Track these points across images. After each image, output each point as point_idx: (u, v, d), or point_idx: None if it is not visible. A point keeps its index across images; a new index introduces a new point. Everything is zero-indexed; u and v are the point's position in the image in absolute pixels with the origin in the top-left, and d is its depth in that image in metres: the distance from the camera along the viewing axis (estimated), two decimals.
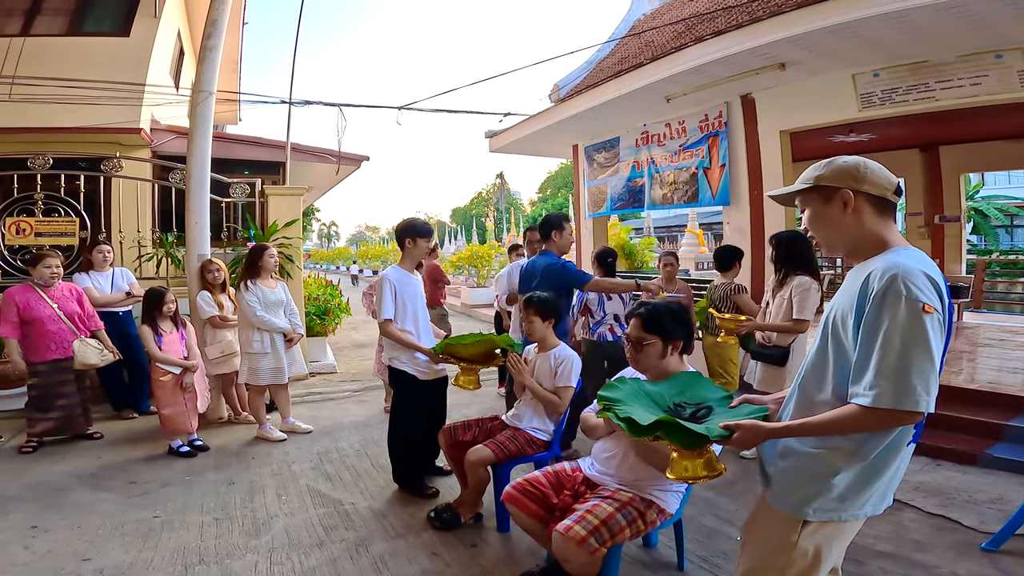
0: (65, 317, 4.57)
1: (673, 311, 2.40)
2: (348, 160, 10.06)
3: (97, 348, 4.68)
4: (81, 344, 4.58)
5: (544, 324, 3.30)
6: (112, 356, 4.77)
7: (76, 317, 4.65)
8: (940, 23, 4.22)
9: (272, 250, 4.90)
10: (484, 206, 58.95)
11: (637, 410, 1.77)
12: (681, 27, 6.90)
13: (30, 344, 4.46)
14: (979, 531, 3.02)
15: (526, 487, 2.56)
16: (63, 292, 4.67)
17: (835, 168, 1.60)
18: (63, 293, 4.66)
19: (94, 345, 4.67)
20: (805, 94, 5.67)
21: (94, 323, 4.80)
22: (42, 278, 4.55)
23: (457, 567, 2.82)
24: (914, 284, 1.40)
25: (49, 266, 4.57)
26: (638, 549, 2.95)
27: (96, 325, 4.81)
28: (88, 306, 4.82)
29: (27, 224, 6.12)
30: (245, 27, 11.65)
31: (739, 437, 1.56)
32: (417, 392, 3.65)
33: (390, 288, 3.58)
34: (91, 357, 4.62)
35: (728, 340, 4.00)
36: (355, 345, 9.72)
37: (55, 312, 4.52)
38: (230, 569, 2.82)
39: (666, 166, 7.14)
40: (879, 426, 1.44)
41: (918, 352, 1.37)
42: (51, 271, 4.57)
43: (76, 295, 4.75)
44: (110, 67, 7.71)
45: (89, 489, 3.76)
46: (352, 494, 3.71)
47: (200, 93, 5.34)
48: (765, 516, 1.70)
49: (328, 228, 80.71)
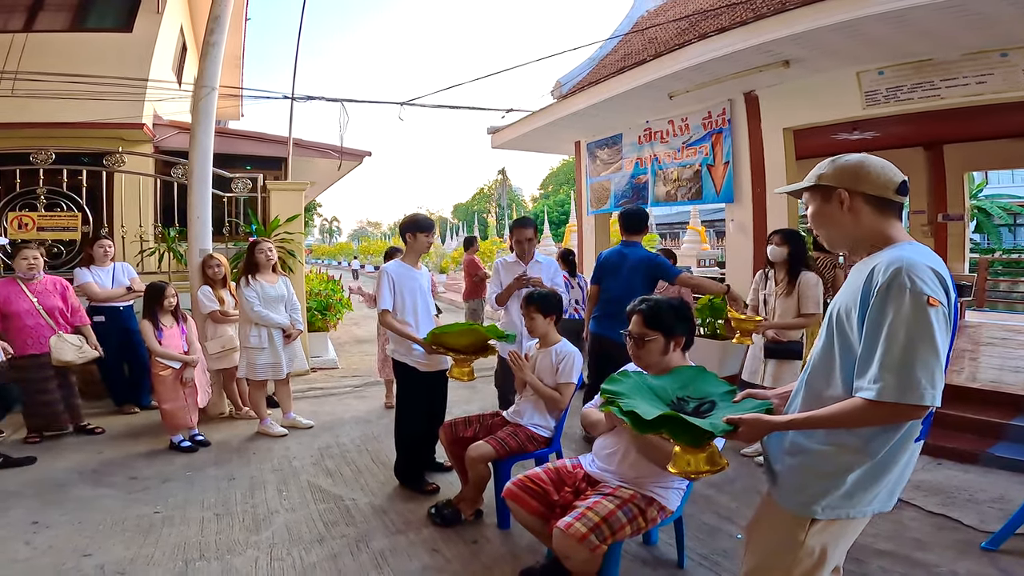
0: (44, 312, 4.48)
1: (674, 307, 2.39)
2: (350, 156, 10.05)
3: (75, 345, 4.55)
4: (58, 340, 4.47)
5: (546, 320, 3.30)
6: (93, 354, 4.65)
7: (57, 312, 4.55)
8: (944, 22, 4.20)
9: (264, 245, 4.88)
10: (486, 202, 58.93)
11: (641, 404, 1.76)
12: (684, 24, 6.87)
13: (9, 338, 4.38)
14: (979, 530, 3.01)
15: (527, 484, 2.56)
16: (46, 286, 4.58)
17: (836, 167, 1.61)
18: (45, 287, 4.57)
19: (72, 342, 4.54)
20: (809, 92, 5.64)
21: (79, 318, 4.71)
22: (20, 270, 4.48)
23: (457, 563, 2.82)
24: (919, 277, 1.39)
25: (26, 258, 4.47)
26: (638, 546, 2.95)
27: (81, 321, 4.72)
28: (73, 301, 4.72)
29: (30, 219, 6.12)
30: (248, 23, 11.64)
31: (744, 431, 1.56)
32: (417, 383, 3.67)
33: (388, 281, 3.64)
34: (67, 354, 4.48)
35: (745, 341, 3.94)
36: (356, 341, 9.73)
37: (34, 306, 4.45)
38: (230, 565, 2.82)
39: (669, 163, 7.13)
40: (884, 420, 1.43)
41: (923, 345, 1.36)
42: (28, 263, 4.47)
43: (60, 289, 4.65)
44: (113, 63, 7.71)
45: (90, 484, 3.77)
46: (353, 490, 3.71)
47: (202, 88, 5.33)
48: (771, 514, 1.69)
49: (330, 224, 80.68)
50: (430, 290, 3.95)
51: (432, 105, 11.35)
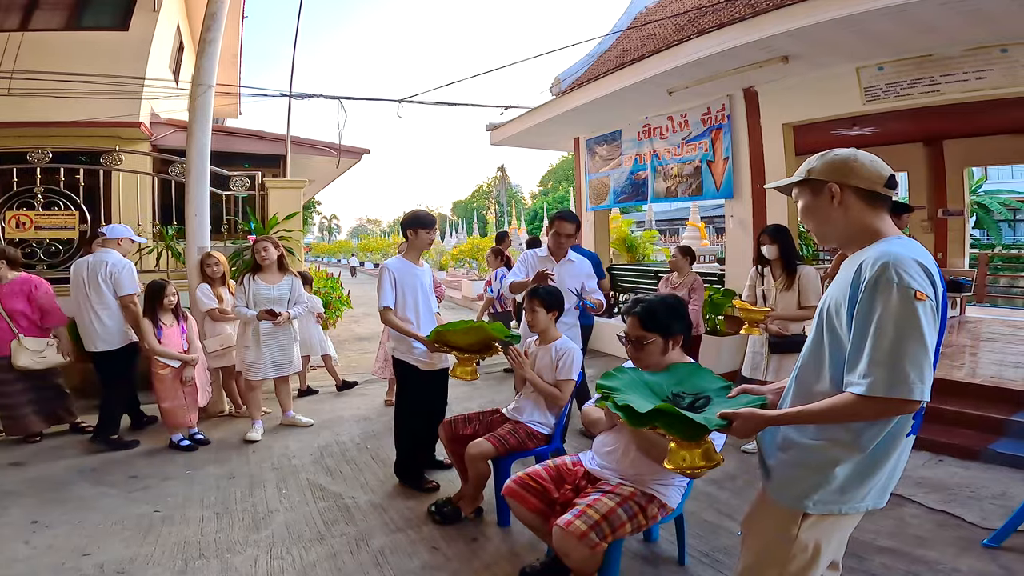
0: (5, 314, 4.38)
1: (669, 305, 2.36)
2: (348, 153, 10.04)
3: (34, 350, 4.42)
4: (16, 345, 4.37)
5: (548, 316, 3.29)
6: (56, 359, 4.54)
7: (18, 315, 4.42)
8: (944, 17, 4.18)
9: (259, 244, 4.71)
10: (485, 199, 58.89)
11: (635, 399, 1.76)
12: (683, 20, 6.85)
13: None
14: (981, 527, 3.00)
15: (527, 481, 2.55)
16: (12, 288, 4.45)
17: (825, 161, 1.61)
18: (12, 290, 4.45)
19: (30, 347, 4.41)
20: (808, 87, 5.63)
21: (50, 319, 4.56)
22: None
23: (457, 561, 2.82)
24: (906, 271, 1.39)
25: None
26: (639, 544, 2.95)
27: (56, 322, 4.58)
28: (44, 302, 4.53)
29: (27, 218, 6.11)
30: (245, 21, 11.62)
31: (738, 426, 1.55)
32: (418, 382, 3.65)
33: (389, 277, 3.61)
34: (21, 359, 4.37)
35: (753, 332, 3.99)
36: (356, 338, 9.72)
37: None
38: (230, 564, 2.81)
39: (669, 159, 7.11)
40: (875, 415, 1.43)
41: (911, 340, 1.36)
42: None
43: (27, 291, 4.48)
44: (109, 61, 7.69)
45: (90, 483, 3.76)
46: (352, 488, 3.71)
47: (199, 86, 5.31)
48: (765, 509, 1.70)
49: (329, 221, 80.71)
50: (431, 287, 3.94)
51: (430, 102, 11.28)
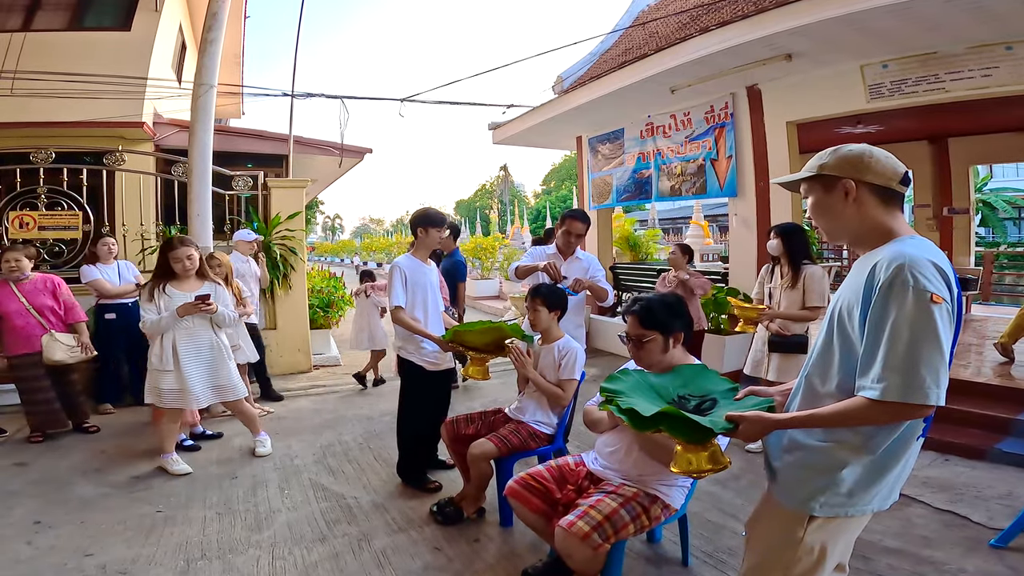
0: (35, 311, 4.46)
1: (667, 303, 2.35)
2: (351, 152, 10.02)
3: (67, 344, 4.52)
4: (48, 339, 4.45)
5: (550, 315, 3.27)
6: (84, 354, 4.62)
7: (47, 311, 4.52)
8: (948, 14, 4.16)
9: (181, 251, 3.85)
10: (488, 198, 58.94)
11: (640, 402, 1.74)
12: (686, 17, 6.83)
13: (3, 339, 4.41)
14: (988, 527, 2.98)
15: (529, 482, 2.54)
16: (36, 285, 4.55)
17: (839, 157, 1.56)
18: (36, 286, 4.54)
19: (63, 341, 4.51)
20: (812, 85, 5.60)
21: (73, 316, 4.66)
22: (3, 273, 4.45)
23: (459, 562, 2.81)
24: (921, 274, 1.36)
25: (7, 261, 4.43)
26: (642, 545, 2.93)
27: (76, 318, 4.67)
28: (67, 299, 4.65)
29: (31, 218, 6.13)
30: (247, 21, 11.61)
31: (744, 429, 1.53)
32: (423, 383, 3.63)
33: (400, 276, 3.55)
34: (56, 353, 4.45)
35: (748, 329, 3.96)
36: None
37: (23, 306, 4.43)
38: (232, 564, 2.81)
39: (673, 158, 7.09)
40: (888, 419, 1.41)
41: (927, 344, 1.33)
42: (9, 266, 4.42)
43: (51, 288, 4.61)
44: (112, 61, 7.68)
45: (92, 484, 3.76)
46: (355, 488, 3.70)
47: (201, 86, 5.32)
48: (770, 511, 1.67)
49: (332, 221, 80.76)
50: (439, 286, 3.92)
51: (433, 101, 11.26)
